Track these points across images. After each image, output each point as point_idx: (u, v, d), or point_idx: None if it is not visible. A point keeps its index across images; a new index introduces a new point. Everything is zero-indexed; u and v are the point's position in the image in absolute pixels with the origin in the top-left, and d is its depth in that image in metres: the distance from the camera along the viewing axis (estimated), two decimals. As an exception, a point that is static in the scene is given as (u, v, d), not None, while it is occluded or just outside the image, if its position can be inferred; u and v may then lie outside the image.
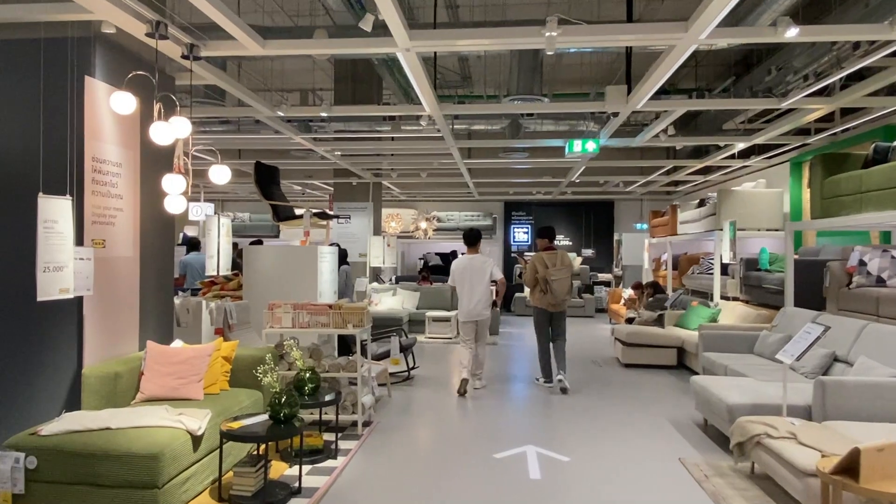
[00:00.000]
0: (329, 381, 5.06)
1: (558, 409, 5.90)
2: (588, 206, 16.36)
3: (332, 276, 7.26)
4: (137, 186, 4.63)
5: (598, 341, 10.46)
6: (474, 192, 14.00)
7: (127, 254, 4.51)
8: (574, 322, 13.10)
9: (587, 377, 7.41)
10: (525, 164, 10.77)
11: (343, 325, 5.01)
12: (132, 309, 4.56)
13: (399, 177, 12.19)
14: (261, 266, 6.72)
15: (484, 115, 8.25)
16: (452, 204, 16.80)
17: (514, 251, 16.50)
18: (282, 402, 3.63)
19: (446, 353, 9.07)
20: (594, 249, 16.35)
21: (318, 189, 14.28)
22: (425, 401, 6.18)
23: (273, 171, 7.24)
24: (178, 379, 4.14)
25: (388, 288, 11.52)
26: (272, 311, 5.07)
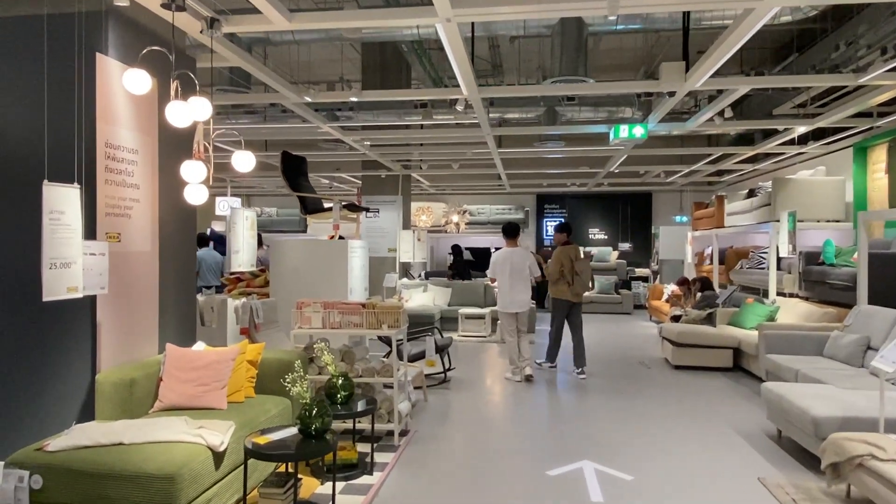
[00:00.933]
0: (363, 388, 4.65)
1: (611, 415, 5.41)
2: (625, 198, 15.72)
3: (364, 273, 6.86)
4: (156, 175, 4.26)
5: (641, 340, 9.90)
6: (506, 184, 13.50)
7: (144, 248, 4.15)
8: (611, 319, 12.53)
9: (637, 380, 6.89)
10: (561, 154, 10.24)
11: (377, 326, 4.59)
12: (151, 308, 4.20)
13: (429, 168, 11.76)
14: (288, 262, 6.35)
15: (521, 99, 7.75)
16: (483, 197, 16.31)
17: (546, 246, 15.96)
18: (312, 414, 3.22)
19: (481, 352, 8.62)
20: (631, 243, 15.72)
21: (347, 182, 13.93)
22: (464, 405, 5.74)
23: (300, 161, 6.86)
24: (199, 386, 3.76)
25: (419, 284, 11.10)
26: (300, 310, 4.68)
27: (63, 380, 3.56)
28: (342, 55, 9.81)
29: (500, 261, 6.68)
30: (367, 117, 8.12)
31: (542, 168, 11.91)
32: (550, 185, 14.60)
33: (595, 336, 10.30)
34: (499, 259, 6.71)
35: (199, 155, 3.88)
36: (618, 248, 15.48)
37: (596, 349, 8.97)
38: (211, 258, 7.57)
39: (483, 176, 13.72)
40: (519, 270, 6.68)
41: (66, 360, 3.57)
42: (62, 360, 3.56)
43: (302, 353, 4.34)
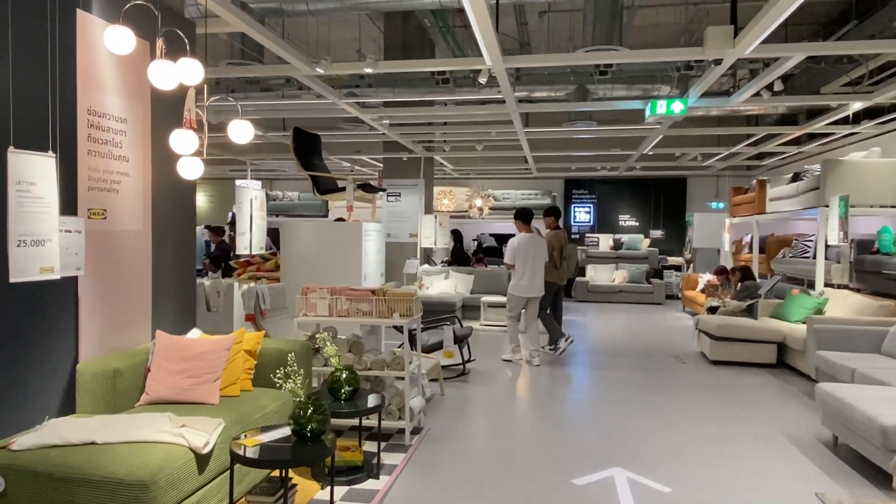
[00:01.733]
0: (372, 381, 4.28)
1: (644, 416, 4.95)
2: (657, 183, 15.05)
3: (379, 257, 6.47)
4: (148, 148, 3.92)
5: (675, 332, 9.36)
6: (533, 168, 12.97)
7: (135, 227, 3.81)
8: (642, 310, 11.99)
9: (672, 376, 6.39)
10: (591, 134, 9.69)
11: (388, 315, 4.19)
12: (143, 292, 3.88)
13: (452, 150, 11.30)
14: (299, 245, 6.00)
15: (550, 74, 7.24)
16: (509, 182, 15.79)
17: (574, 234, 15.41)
18: (307, 414, 2.84)
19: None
20: (663, 231, 15.06)
21: (368, 165, 13.55)
22: (484, 401, 5.33)
23: (314, 139, 6.49)
24: (189, 378, 3.42)
25: (440, 270, 10.70)
26: (306, 296, 4.31)
27: (41, 369, 3.24)
28: (363, 34, 9.39)
29: (520, 246, 6.70)
30: (386, 94, 7.71)
31: (571, 150, 11.35)
32: (579, 170, 14.02)
33: (626, 327, 9.79)
34: (521, 244, 6.72)
35: (189, 123, 3.51)
36: (649, 235, 14.84)
37: (627, 342, 8.47)
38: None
39: (508, 159, 13.20)
40: (536, 256, 6.75)
41: (44, 348, 3.25)
42: (39, 347, 3.24)
43: (305, 342, 3.98)
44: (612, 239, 14.33)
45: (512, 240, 6.80)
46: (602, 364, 6.94)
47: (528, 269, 6.69)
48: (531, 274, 6.70)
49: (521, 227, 6.90)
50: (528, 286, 6.72)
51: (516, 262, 6.72)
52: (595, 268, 13.61)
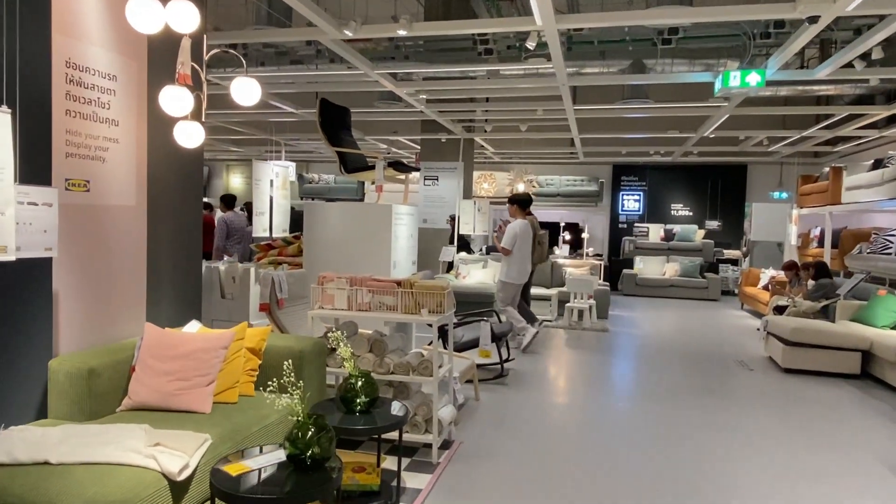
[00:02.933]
0: (395, 387, 3.70)
1: (710, 433, 4.24)
2: (715, 170, 14.01)
3: (411, 243, 5.89)
4: (143, 111, 3.40)
5: (735, 333, 8.52)
6: (580, 151, 12.15)
7: (125, 202, 3.31)
8: (696, 306, 11.11)
9: (738, 386, 5.63)
10: (647, 113, 8.87)
11: (415, 310, 3.60)
12: (135, 278, 3.38)
13: (494, 131, 10.60)
14: (324, 228, 5.46)
15: (604, 46, 6.50)
16: (553, 167, 14.99)
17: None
18: (306, 437, 2.27)
19: (546, 339, 7.53)
20: (720, 222, 14.04)
21: (405, 147, 12.97)
22: (523, 408, 4.71)
23: (342, 112, 5.92)
24: (177, 380, 2.90)
25: (478, 259, 10.05)
26: (322, 286, 3.74)
27: (10, 367, 2.76)
28: (400, 7, 8.77)
29: (521, 232, 6.67)
30: (424, 67, 7.09)
31: (623, 131, 10.50)
32: (630, 154, 13.12)
33: (680, 325, 8.99)
34: (522, 231, 6.69)
35: (183, 79, 2.96)
36: (704, 226, 13.86)
37: (682, 342, 7.69)
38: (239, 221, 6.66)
39: (554, 142, 12.44)
40: (527, 242, 6.79)
41: (14, 342, 2.77)
42: (9, 341, 2.76)
43: (319, 340, 3.42)
44: (664, 229, 13.42)
45: (512, 225, 6.73)
46: (655, 366, 6.22)
47: (522, 256, 6.69)
48: (524, 261, 6.74)
49: (518, 212, 6.86)
50: (523, 273, 6.76)
51: (517, 250, 6.66)
52: (644, 260, 12.75)
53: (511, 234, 6.63)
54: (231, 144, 14.14)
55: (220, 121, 10.49)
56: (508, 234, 6.66)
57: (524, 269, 6.76)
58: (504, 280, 6.75)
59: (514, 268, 6.68)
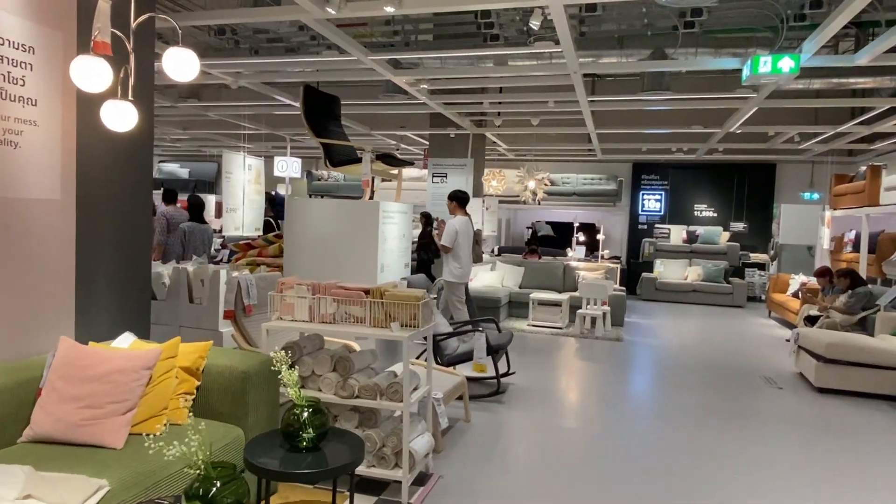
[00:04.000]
0: (362, 413, 3.19)
1: (738, 461, 3.67)
2: (741, 169, 13.27)
3: (403, 244, 5.39)
4: (71, 90, 2.94)
5: (762, 344, 7.86)
6: (597, 148, 11.53)
7: (48, 195, 2.85)
8: (720, 313, 10.44)
9: (765, 407, 5.02)
10: (668, 106, 8.24)
11: (385, 323, 3.09)
12: (60, 282, 2.92)
13: (505, 125, 10.05)
14: (306, 227, 4.98)
15: (623, 24, 5.93)
16: (569, 165, 14.37)
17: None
18: (209, 495, 1.78)
19: (554, 349, 6.97)
20: (746, 224, 13.29)
21: (414, 143, 12.48)
22: (521, 431, 4.17)
23: (330, 101, 5.43)
24: (86, 407, 2.43)
25: (486, 261, 9.52)
26: (281, 293, 3.25)
27: None
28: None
29: (462, 229, 6.43)
30: (425, 54, 6.59)
31: (643, 126, 9.87)
32: (650, 151, 12.45)
33: (701, 335, 8.35)
34: (463, 228, 6.45)
35: (100, 48, 2.49)
36: (729, 228, 13.13)
37: (703, 354, 7.08)
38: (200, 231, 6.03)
39: (570, 138, 11.82)
40: (469, 240, 6.59)
41: None
42: None
43: (265, 357, 2.92)
44: (686, 231, 12.74)
45: (452, 222, 6.47)
46: (672, 384, 5.63)
47: (465, 254, 6.48)
48: (467, 258, 6.53)
49: (457, 209, 6.59)
50: (466, 271, 6.54)
51: (459, 249, 6.41)
52: (665, 263, 12.09)
53: (451, 231, 6.38)
54: (238, 140, 13.79)
55: (223, 115, 10.10)
56: (448, 231, 6.39)
57: (468, 266, 6.55)
58: (448, 279, 6.48)
59: (456, 266, 6.46)
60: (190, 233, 5.88)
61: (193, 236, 5.89)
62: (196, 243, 5.90)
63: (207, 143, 14.35)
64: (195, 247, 5.86)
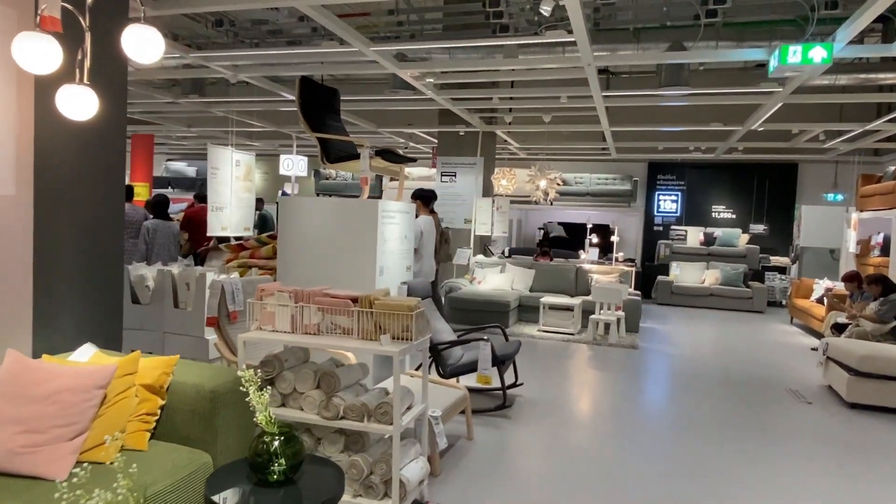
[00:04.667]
0: (348, 436, 2.87)
1: (762, 486, 3.31)
2: (762, 169, 12.81)
3: (404, 246, 5.07)
4: (29, 76, 2.65)
5: (785, 352, 7.45)
6: (612, 146, 11.15)
7: (0, 191, 2.57)
8: (738, 319, 10.02)
9: (793, 424, 4.65)
10: (686, 101, 7.86)
11: (374, 335, 2.77)
12: (15, 289, 2.63)
13: (515, 123, 9.70)
14: (300, 227, 4.68)
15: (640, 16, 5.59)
16: (583, 164, 13.98)
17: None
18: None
19: (565, 357, 6.62)
20: (766, 226, 12.84)
21: (423, 141, 12.17)
22: (528, 449, 3.84)
23: (329, 94, 5.13)
24: (27, 432, 2.14)
25: (496, 263, 9.19)
26: (261, 300, 2.95)
27: None
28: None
29: (426, 229, 6.20)
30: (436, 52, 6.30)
31: (659, 124, 9.49)
32: (667, 150, 12.05)
33: (719, 342, 7.95)
34: (427, 228, 6.22)
35: (48, 23, 2.19)
36: (749, 230, 12.68)
37: (722, 363, 6.69)
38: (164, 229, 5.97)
39: (584, 137, 11.46)
40: (432, 240, 6.43)
41: None
42: None
43: (234, 374, 2.61)
44: (703, 233, 12.31)
45: (417, 221, 6.12)
46: (691, 396, 5.26)
47: (427, 254, 6.32)
48: (430, 259, 6.38)
49: (422, 208, 6.41)
50: (429, 273, 6.37)
51: (423, 249, 6.22)
52: (681, 266, 11.67)
53: (418, 232, 6.13)
54: (245, 138, 13.57)
55: (227, 111, 9.85)
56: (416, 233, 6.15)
57: (429, 267, 6.39)
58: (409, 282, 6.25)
59: (419, 266, 6.24)
60: (153, 230, 5.85)
61: (158, 234, 5.86)
62: (161, 241, 5.90)
63: (214, 140, 14.15)
64: (159, 245, 5.86)
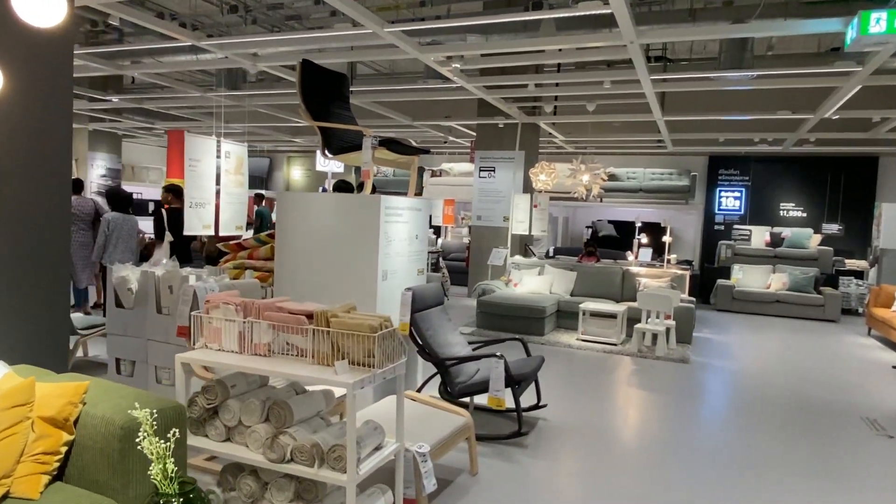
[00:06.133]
0: (299, 484, 2.37)
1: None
2: (835, 162, 11.61)
3: (416, 248, 4.55)
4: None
5: (863, 372, 6.51)
6: (667, 138, 10.27)
7: None
8: (808, 329, 9.01)
9: (872, 462, 3.86)
10: (750, 85, 6.99)
11: (330, 360, 2.26)
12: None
13: (559, 113, 9.02)
14: (299, 226, 4.24)
15: None
16: (636, 159, 13.10)
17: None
18: None
19: (604, 371, 5.95)
20: (841, 225, 11.63)
21: (463, 135, 11.61)
22: (548, 490, 3.25)
23: (336, 79, 4.67)
24: None
25: (534, 264, 8.55)
26: (208, 314, 2.49)
27: None
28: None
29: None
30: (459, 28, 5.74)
31: (720, 112, 8.59)
32: (729, 142, 11.05)
33: (785, 357, 7.06)
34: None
35: None
36: (821, 230, 11.52)
37: (787, 383, 5.86)
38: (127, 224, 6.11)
39: (634, 126, 10.63)
40: None
41: None
42: None
43: (173, 406, 2.16)
44: (770, 233, 11.25)
45: None
46: (749, 424, 4.52)
47: None
48: None
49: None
50: None
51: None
52: (744, 269, 10.68)
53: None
54: (288, 134, 13.39)
55: (257, 105, 9.61)
56: None
57: None
58: None
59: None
60: (113, 223, 5.95)
61: (118, 228, 5.97)
62: (120, 234, 6.00)
63: (256, 137, 14.04)
64: (118, 238, 5.96)
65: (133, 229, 6.12)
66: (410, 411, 3.24)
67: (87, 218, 6.58)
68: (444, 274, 9.47)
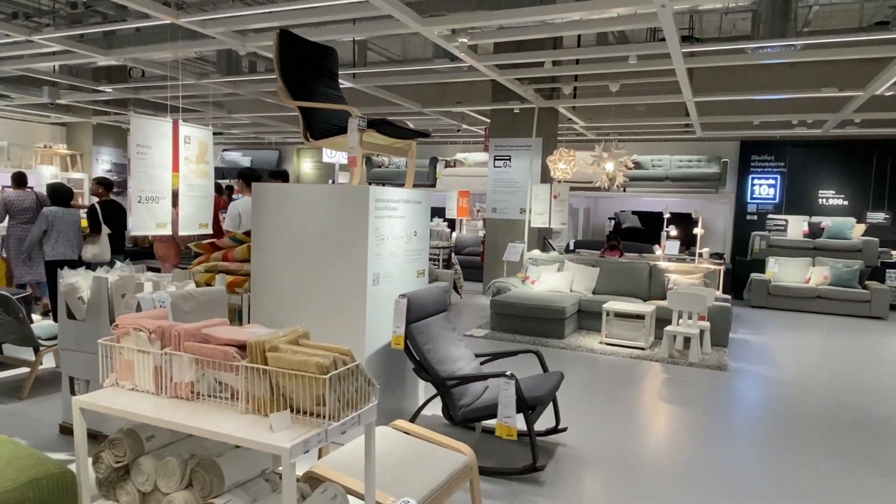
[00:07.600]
0: (227, 570, 1.78)
1: None
2: (880, 145, 10.71)
3: (413, 246, 3.95)
4: None
5: (923, 379, 5.77)
6: (696, 122, 9.49)
7: None
8: (851, 326, 8.23)
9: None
10: (792, 59, 6.23)
11: (268, 408, 1.67)
12: None
13: (578, 95, 8.32)
14: (277, 223, 3.66)
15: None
16: (662, 145, 12.30)
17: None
18: None
19: (632, 380, 5.30)
20: (888, 214, 10.75)
21: (476, 122, 10.94)
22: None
23: (319, 51, 4.06)
24: None
25: (553, 260, 7.90)
26: (118, 341, 1.91)
27: None
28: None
29: (246, 212, 5.55)
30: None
31: (755, 92, 7.81)
32: (764, 125, 10.23)
33: (827, 359, 6.33)
34: (245, 210, 5.55)
35: None
36: (865, 219, 10.66)
37: (830, 390, 5.15)
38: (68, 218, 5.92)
39: (661, 110, 9.87)
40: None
41: None
42: None
43: (48, 471, 1.58)
44: (808, 223, 10.44)
45: (236, 203, 5.75)
46: (797, 445, 3.85)
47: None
48: None
49: (245, 189, 5.85)
50: None
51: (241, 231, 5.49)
52: (780, 262, 9.90)
53: (233, 214, 5.63)
54: (296, 124, 12.85)
55: (256, 92, 9.06)
56: (231, 214, 5.68)
57: None
58: None
59: None
60: (54, 217, 5.79)
61: (57, 222, 5.81)
62: (60, 228, 5.84)
63: (263, 129, 13.53)
64: (59, 232, 5.81)
65: (75, 223, 5.99)
66: (400, 450, 2.65)
67: (28, 212, 6.49)
68: (456, 270, 8.86)
